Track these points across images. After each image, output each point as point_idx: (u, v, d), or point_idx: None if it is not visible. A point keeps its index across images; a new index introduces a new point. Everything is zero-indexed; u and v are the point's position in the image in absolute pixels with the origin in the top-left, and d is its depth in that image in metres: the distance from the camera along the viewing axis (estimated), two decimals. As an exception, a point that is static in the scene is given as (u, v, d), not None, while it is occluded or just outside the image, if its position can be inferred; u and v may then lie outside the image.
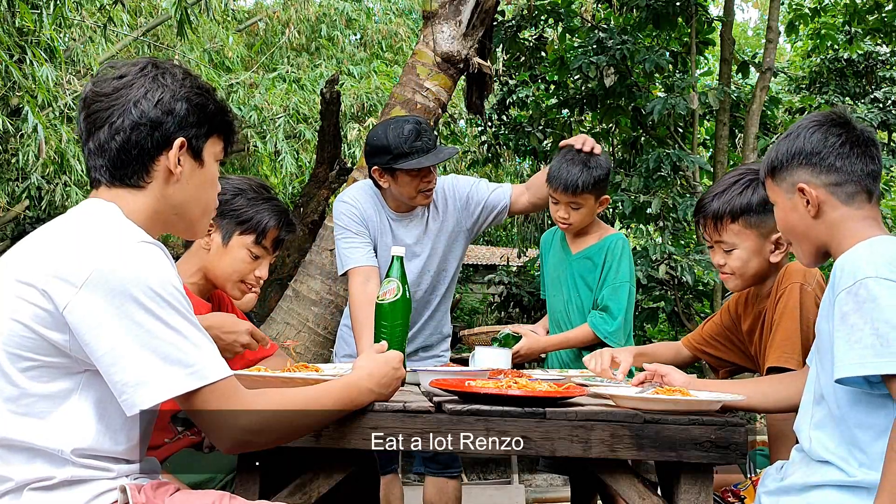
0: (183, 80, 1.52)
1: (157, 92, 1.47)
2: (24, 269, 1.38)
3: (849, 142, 1.71)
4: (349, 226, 2.93)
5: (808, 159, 1.72)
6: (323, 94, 5.79)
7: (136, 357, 1.31)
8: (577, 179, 2.78)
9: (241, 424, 1.34)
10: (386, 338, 2.19)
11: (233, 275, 2.27)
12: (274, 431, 1.40)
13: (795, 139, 1.75)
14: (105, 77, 1.50)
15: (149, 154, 1.47)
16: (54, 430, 1.37)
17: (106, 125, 1.46)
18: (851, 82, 8.91)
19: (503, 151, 8.49)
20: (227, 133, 1.60)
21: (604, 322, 2.84)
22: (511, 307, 7.55)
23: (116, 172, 1.48)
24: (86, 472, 1.39)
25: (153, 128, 1.46)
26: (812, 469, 1.65)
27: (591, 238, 2.96)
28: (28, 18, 5.95)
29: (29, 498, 1.36)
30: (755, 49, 11.80)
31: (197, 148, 1.53)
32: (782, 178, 1.76)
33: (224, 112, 1.59)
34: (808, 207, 1.71)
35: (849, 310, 1.53)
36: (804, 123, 1.77)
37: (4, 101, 6.99)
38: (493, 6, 4.53)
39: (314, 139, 9.69)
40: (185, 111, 1.49)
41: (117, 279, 1.32)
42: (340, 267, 2.95)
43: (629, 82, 6.90)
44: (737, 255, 2.19)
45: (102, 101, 1.47)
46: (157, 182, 1.49)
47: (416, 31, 12.37)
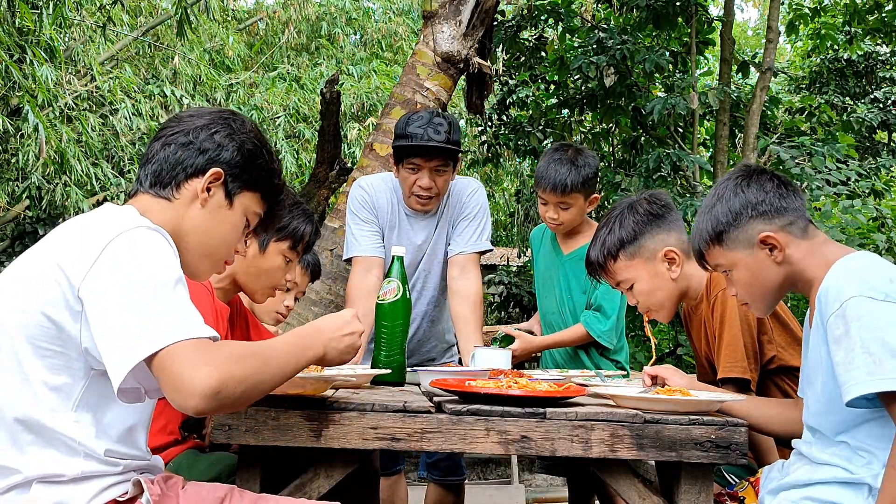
0: (248, 130, 1.64)
1: (218, 127, 1.60)
2: (40, 259, 1.43)
3: (781, 184, 1.76)
4: (358, 211, 2.86)
5: (756, 209, 1.73)
6: (323, 94, 5.79)
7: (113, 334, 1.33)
8: (565, 179, 2.74)
9: (201, 380, 1.28)
10: (386, 338, 2.19)
11: (267, 282, 2.32)
12: (237, 380, 1.32)
13: (732, 198, 1.75)
14: (189, 109, 1.69)
15: (186, 172, 1.57)
16: (64, 422, 1.39)
17: (163, 138, 1.60)
18: (851, 82, 8.91)
19: (503, 151, 8.49)
20: (267, 196, 1.67)
21: (597, 321, 2.83)
22: (511, 307, 7.55)
23: (155, 180, 1.57)
24: (95, 467, 1.41)
25: (200, 152, 1.58)
26: (814, 468, 1.66)
27: (582, 238, 2.91)
28: (28, 18, 5.95)
29: (37, 491, 1.38)
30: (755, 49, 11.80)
31: (231, 189, 1.61)
32: (733, 240, 1.75)
33: (272, 175, 1.67)
34: (773, 255, 1.73)
35: (840, 333, 1.55)
36: (730, 185, 1.78)
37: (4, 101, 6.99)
38: (493, 6, 4.53)
39: (314, 139, 9.70)
40: (233, 151, 1.60)
41: (115, 259, 1.36)
42: (346, 252, 2.89)
43: (629, 82, 6.90)
44: (639, 290, 2.20)
45: (174, 124, 1.61)
46: (183, 200, 1.57)
47: (415, 30, 12.37)
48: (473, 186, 2.92)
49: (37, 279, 1.40)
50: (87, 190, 8.59)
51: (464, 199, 2.88)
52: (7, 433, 1.40)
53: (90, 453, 1.41)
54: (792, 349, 2.09)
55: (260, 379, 1.37)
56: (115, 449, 1.44)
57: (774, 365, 2.10)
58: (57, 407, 1.39)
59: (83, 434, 1.40)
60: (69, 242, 1.42)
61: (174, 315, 1.34)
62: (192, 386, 1.27)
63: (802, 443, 1.75)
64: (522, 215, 10.54)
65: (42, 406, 1.39)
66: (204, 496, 1.49)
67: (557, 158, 2.79)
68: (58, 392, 1.39)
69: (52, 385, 1.39)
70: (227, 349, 1.35)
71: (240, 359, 1.34)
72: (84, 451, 1.40)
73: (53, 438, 1.39)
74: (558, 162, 2.77)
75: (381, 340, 2.19)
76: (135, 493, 1.44)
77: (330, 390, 1.82)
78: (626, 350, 2.99)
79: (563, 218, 2.83)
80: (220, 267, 1.66)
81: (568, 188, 2.75)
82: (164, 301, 1.34)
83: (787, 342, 2.10)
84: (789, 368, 2.09)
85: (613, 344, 2.87)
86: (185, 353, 1.30)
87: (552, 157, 2.80)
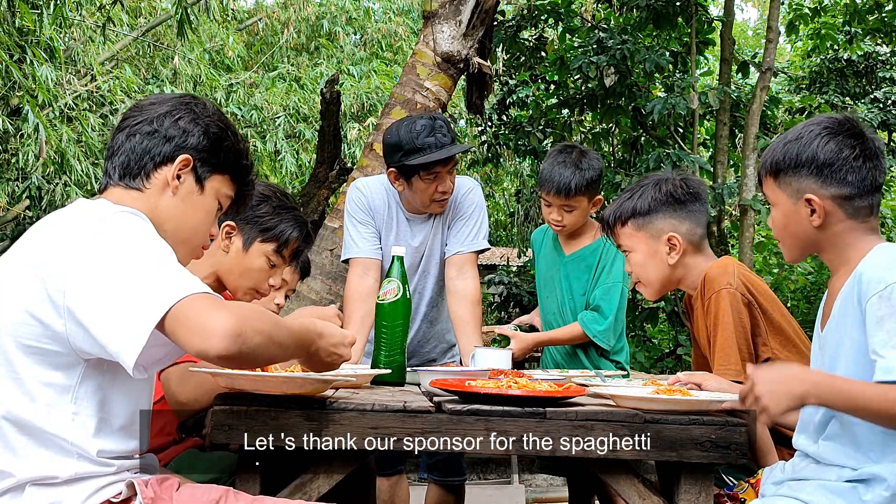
0: (211, 113, 1.63)
1: (181, 114, 1.60)
2: (18, 259, 1.44)
3: (862, 154, 1.65)
4: (355, 213, 2.86)
5: (820, 170, 1.66)
6: (323, 94, 5.79)
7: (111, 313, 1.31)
8: (569, 182, 2.74)
9: (221, 322, 1.28)
10: (386, 338, 2.18)
11: (248, 282, 2.26)
12: (254, 329, 1.31)
13: (807, 145, 1.68)
14: (148, 98, 1.66)
15: (154, 161, 1.57)
16: (58, 421, 1.39)
17: (127, 129, 1.58)
18: (851, 82, 8.91)
19: (503, 151, 8.50)
20: (237, 177, 1.67)
21: (594, 321, 2.83)
22: (511, 307, 7.55)
23: (124, 172, 1.57)
24: (88, 468, 1.40)
25: (166, 139, 1.58)
26: (821, 468, 1.65)
27: (584, 239, 2.92)
28: (28, 18, 5.95)
29: (31, 494, 1.38)
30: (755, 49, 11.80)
31: (201, 174, 1.60)
32: (787, 183, 1.70)
33: (239, 156, 1.67)
34: (811, 217, 1.67)
35: (884, 314, 1.51)
36: (815, 129, 1.69)
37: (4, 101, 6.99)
38: (493, 6, 4.53)
39: (314, 139, 9.69)
40: (199, 136, 1.60)
41: (100, 241, 1.37)
42: (343, 253, 2.88)
43: (629, 82, 6.90)
44: (634, 260, 2.24)
45: (136, 114, 1.60)
46: (154, 189, 1.57)
47: (415, 30, 12.37)
48: (469, 185, 2.91)
49: (17, 279, 1.40)
50: (87, 190, 8.58)
51: (459, 197, 2.87)
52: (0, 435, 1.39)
53: (83, 454, 1.40)
54: (787, 351, 2.08)
55: (273, 336, 1.36)
56: (108, 448, 1.43)
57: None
58: (54, 402, 1.38)
59: (79, 432, 1.39)
60: (47, 238, 1.43)
61: (177, 276, 1.33)
62: (212, 327, 1.26)
63: (809, 443, 1.72)
64: (522, 215, 10.54)
65: (38, 403, 1.38)
66: (198, 497, 1.49)
67: (562, 161, 2.78)
68: (53, 387, 1.39)
69: (47, 381, 1.38)
70: (243, 304, 1.35)
71: (254, 312, 1.34)
72: (77, 452, 1.40)
73: (46, 440, 1.38)
74: (562, 165, 2.77)
75: (382, 340, 2.19)
76: (128, 495, 1.43)
77: (330, 390, 1.82)
78: (626, 350, 2.98)
79: (566, 220, 2.83)
80: (198, 252, 1.66)
81: (572, 191, 2.75)
82: (163, 268, 1.34)
83: (782, 344, 2.09)
84: None
85: (610, 345, 2.86)
86: (197, 303, 1.29)
87: (556, 160, 2.79)
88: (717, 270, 2.10)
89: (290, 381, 1.62)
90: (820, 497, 1.60)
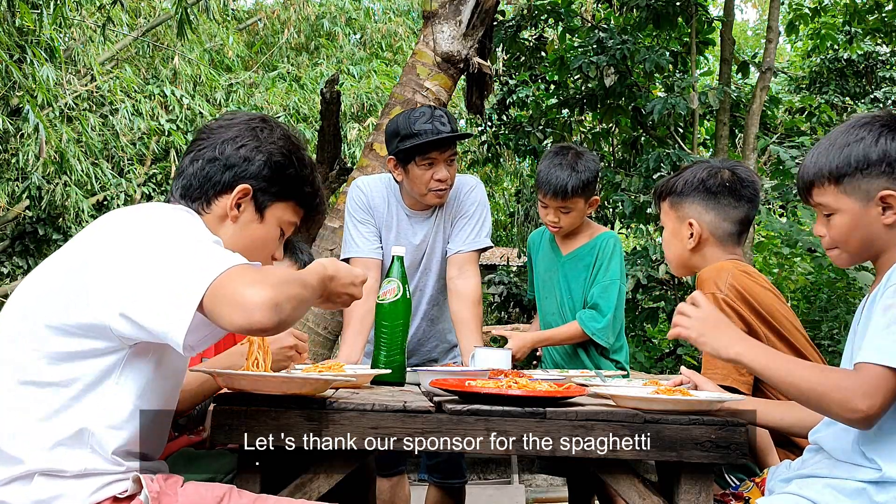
0: (277, 138, 1.62)
1: (245, 140, 1.59)
2: (71, 248, 1.47)
3: None
4: (355, 212, 2.86)
5: (892, 167, 1.60)
6: (323, 94, 5.79)
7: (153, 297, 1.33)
8: (566, 184, 2.74)
9: (260, 295, 1.29)
10: (386, 338, 2.18)
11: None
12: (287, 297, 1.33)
13: (872, 145, 1.62)
14: (219, 119, 1.65)
15: (214, 188, 1.57)
16: (85, 409, 1.40)
17: (193, 152, 1.59)
18: (851, 82, 8.92)
19: (503, 151, 8.50)
20: (302, 205, 1.67)
21: (592, 319, 2.83)
22: (511, 307, 7.55)
23: (184, 193, 1.58)
24: (99, 465, 1.41)
25: (226, 168, 1.58)
26: (833, 463, 1.64)
27: (581, 238, 2.92)
28: (28, 18, 5.95)
29: (39, 483, 1.38)
30: (755, 49, 11.80)
31: (261, 203, 1.60)
32: (854, 186, 1.63)
33: (304, 183, 1.65)
34: (885, 215, 1.61)
35: (892, 303, 1.49)
36: (872, 128, 1.63)
37: (4, 101, 6.99)
38: (493, 6, 4.53)
39: (314, 139, 9.69)
40: (260, 164, 1.59)
41: (134, 228, 1.40)
42: (343, 252, 2.88)
43: (629, 82, 6.91)
44: (664, 238, 2.28)
45: (204, 135, 1.61)
46: (213, 217, 1.58)
47: (415, 30, 12.37)
48: (471, 183, 2.91)
49: (65, 267, 1.43)
50: (87, 190, 8.59)
51: (461, 196, 2.87)
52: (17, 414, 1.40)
53: (96, 449, 1.41)
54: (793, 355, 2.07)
55: (302, 298, 1.39)
56: (124, 448, 1.44)
57: None
58: (84, 391, 1.39)
59: (102, 422, 1.40)
60: (98, 230, 1.46)
61: (214, 253, 1.35)
62: (252, 300, 1.27)
63: (823, 438, 1.70)
64: (522, 215, 10.55)
65: (70, 388, 1.39)
66: (203, 494, 1.50)
67: (558, 163, 2.78)
68: (87, 377, 1.40)
69: (81, 372, 1.40)
70: (272, 272, 1.36)
71: (284, 281, 1.35)
72: (91, 445, 1.41)
73: (65, 427, 1.39)
74: (559, 166, 2.77)
75: (381, 340, 2.19)
76: (134, 491, 1.44)
77: (330, 390, 1.82)
78: (625, 350, 2.98)
79: (563, 222, 2.84)
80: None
81: (569, 193, 2.76)
82: (201, 247, 1.36)
83: (789, 348, 2.08)
84: None
85: (609, 343, 2.86)
86: (235, 275, 1.30)
87: (553, 161, 2.80)
88: (708, 273, 2.09)
89: (290, 381, 1.63)
90: (828, 496, 1.59)
